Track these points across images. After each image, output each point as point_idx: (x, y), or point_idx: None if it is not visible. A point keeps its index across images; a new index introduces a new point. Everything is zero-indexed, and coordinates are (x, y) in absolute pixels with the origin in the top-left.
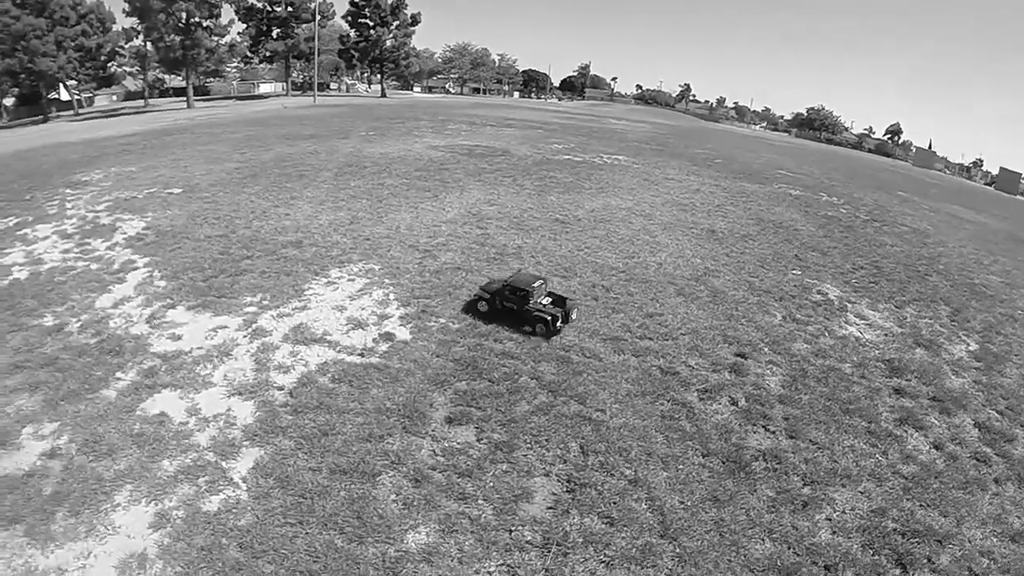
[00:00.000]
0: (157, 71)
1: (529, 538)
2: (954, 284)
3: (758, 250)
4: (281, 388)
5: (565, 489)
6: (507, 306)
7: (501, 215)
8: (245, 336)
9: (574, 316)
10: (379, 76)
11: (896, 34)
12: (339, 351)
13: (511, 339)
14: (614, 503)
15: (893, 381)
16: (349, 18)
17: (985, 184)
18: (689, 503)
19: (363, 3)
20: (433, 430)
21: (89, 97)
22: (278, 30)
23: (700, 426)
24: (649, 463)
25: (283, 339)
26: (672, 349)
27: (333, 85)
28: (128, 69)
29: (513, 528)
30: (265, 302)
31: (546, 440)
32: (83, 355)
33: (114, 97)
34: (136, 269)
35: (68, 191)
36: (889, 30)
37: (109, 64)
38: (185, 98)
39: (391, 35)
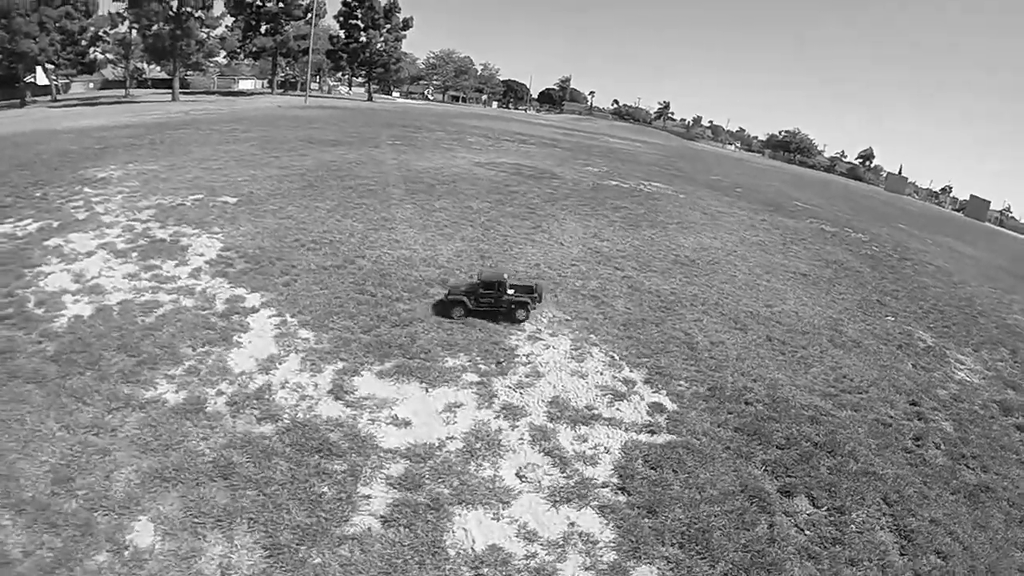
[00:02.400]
0: (141, 61)
1: None
2: (998, 326)
3: (847, 294)
4: (606, 485)
5: (899, 536)
6: (483, 303)
7: (621, 253)
8: (497, 417)
9: (541, 297)
10: (366, 79)
11: (869, 57)
12: (625, 429)
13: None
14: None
15: (1011, 419)
16: (340, 18)
17: (954, 210)
18: (985, 537)
19: (356, 4)
20: (785, 507)
21: (65, 83)
22: (267, 26)
23: (934, 468)
24: (933, 506)
25: (549, 417)
26: (869, 402)
27: (314, 85)
28: (110, 56)
29: None
30: (481, 365)
31: (848, 493)
32: (272, 456)
33: (91, 85)
34: (255, 311)
35: (88, 190)
36: (863, 54)
37: (91, 49)
38: (168, 90)
39: (382, 38)
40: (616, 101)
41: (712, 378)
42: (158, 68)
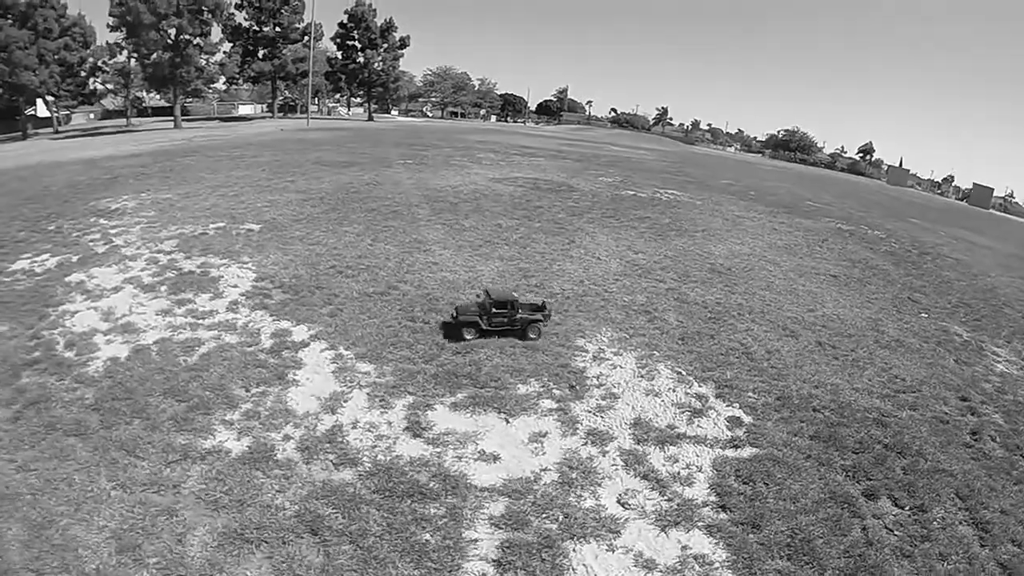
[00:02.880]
0: (140, 89)
1: None
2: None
3: (879, 293)
4: (706, 504)
5: (977, 528)
6: (496, 323)
7: (658, 265)
8: (585, 443)
9: (550, 315)
10: (366, 100)
11: (862, 51)
12: (710, 445)
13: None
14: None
15: None
16: (337, 40)
17: (957, 199)
18: None
19: (352, 25)
20: (872, 510)
21: (66, 115)
22: (264, 50)
23: (995, 460)
24: (1001, 497)
25: (635, 440)
26: (924, 400)
27: (313, 107)
28: (110, 86)
29: None
30: (555, 390)
31: (925, 491)
32: (361, 505)
33: (91, 115)
34: (306, 346)
35: (104, 221)
36: (856, 49)
37: (91, 80)
38: (170, 118)
39: (380, 58)
40: (614, 109)
41: (777, 387)
42: (157, 96)
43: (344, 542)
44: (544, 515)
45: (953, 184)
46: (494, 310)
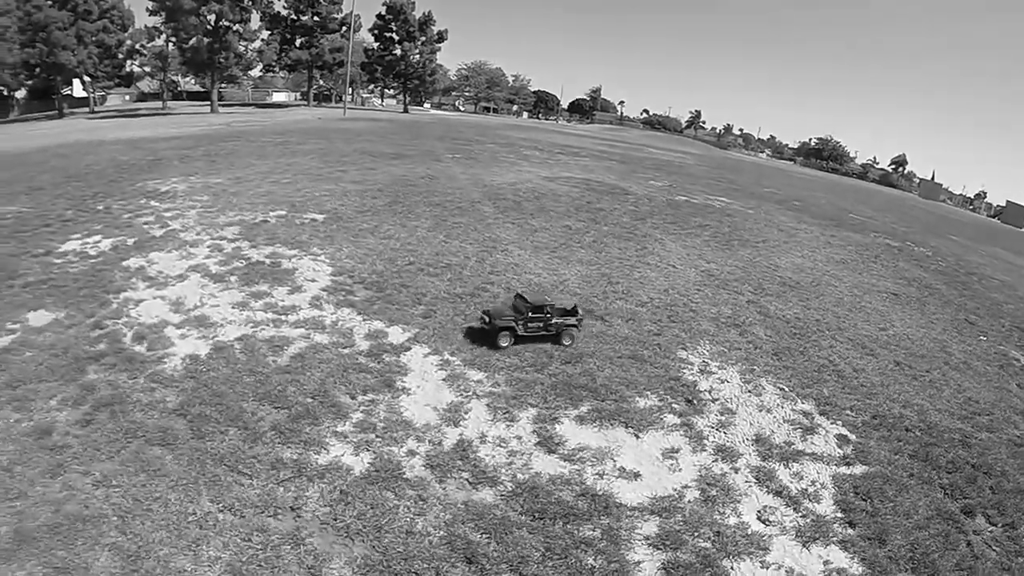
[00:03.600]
0: (177, 74)
1: None
2: None
3: (938, 314)
4: (835, 520)
5: None
6: (532, 328)
7: (732, 276)
8: (715, 460)
9: (583, 320)
10: (401, 92)
11: (897, 65)
12: (827, 462)
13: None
14: None
15: None
16: (375, 31)
17: (988, 216)
18: None
19: (390, 17)
20: (972, 527)
21: (102, 96)
22: (302, 39)
23: None
24: None
25: (760, 456)
26: (998, 423)
27: (346, 97)
28: (147, 69)
29: None
30: (673, 404)
31: (1013, 510)
32: (512, 529)
33: (127, 97)
34: (406, 349)
35: (155, 203)
36: (891, 60)
37: (128, 62)
38: (205, 102)
39: (417, 51)
40: (646, 110)
41: (870, 406)
42: (192, 81)
43: (504, 570)
44: (696, 534)
45: (985, 200)
46: (531, 314)
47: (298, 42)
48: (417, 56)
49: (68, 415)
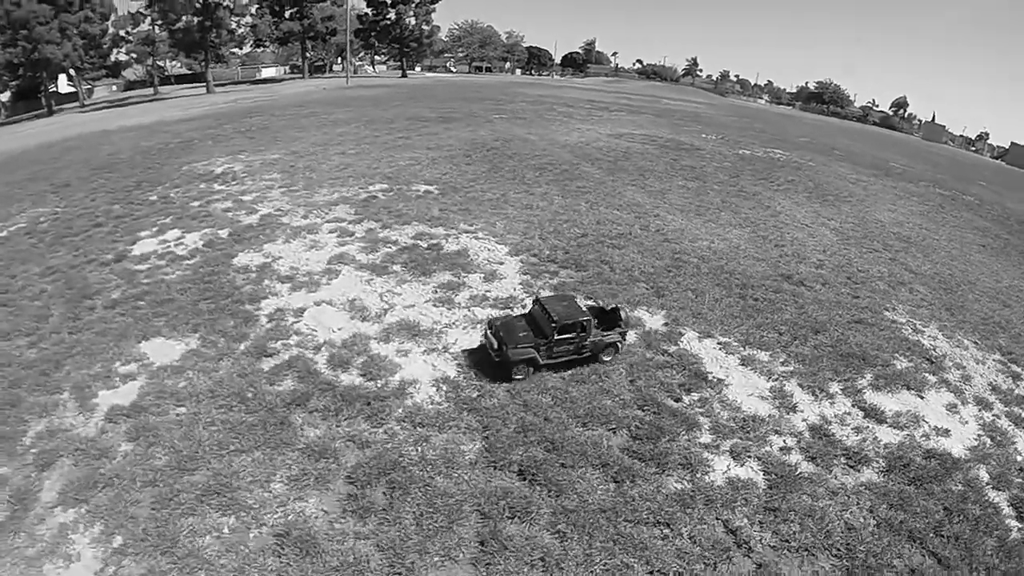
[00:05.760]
0: (164, 58)
1: None
2: None
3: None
4: None
5: None
6: (560, 352)
7: (857, 232)
8: (1000, 416)
9: (625, 316)
10: (397, 57)
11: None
12: None
13: None
14: None
15: None
16: None
17: (992, 158)
18: None
19: None
20: None
21: (89, 89)
22: (292, 10)
23: None
24: None
25: (1017, 402)
26: None
27: (337, 67)
28: (134, 56)
29: None
30: (922, 364)
31: None
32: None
33: (114, 88)
34: (680, 335)
35: (219, 186)
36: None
37: (114, 51)
38: (195, 85)
39: (411, 13)
40: (639, 61)
41: None
42: (178, 64)
43: (933, 536)
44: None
45: (987, 142)
46: (557, 337)
47: (288, 13)
48: (412, 19)
49: (332, 518)
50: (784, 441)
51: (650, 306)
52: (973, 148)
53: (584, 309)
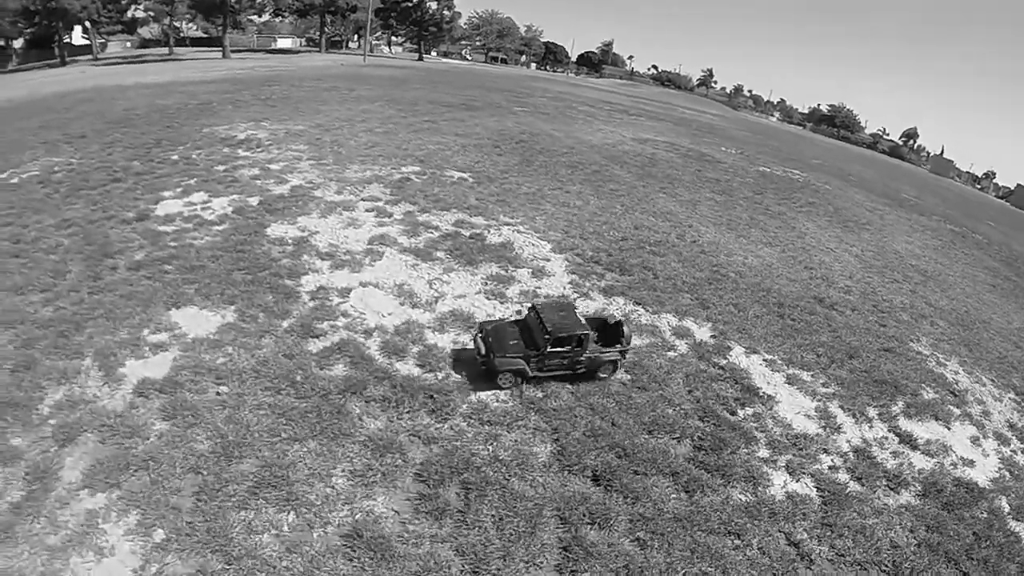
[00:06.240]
0: (183, 18)
1: None
2: None
3: None
4: None
5: None
6: (552, 365)
7: (878, 262)
8: (999, 443)
9: (627, 332)
10: (415, 40)
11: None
12: None
13: None
14: None
15: None
16: None
17: (996, 197)
18: None
19: None
20: None
21: (102, 43)
22: None
23: None
24: None
25: None
26: None
27: (353, 44)
28: (152, 14)
29: None
30: (946, 396)
31: None
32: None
33: (128, 44)
34: (728, 349)
35: (244, 152)
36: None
37: (132, 7)
38: (209, 49)
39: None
40: (655, 66)
41: None
42: (194, 27)
43: (964, 558)
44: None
45: (993, 181)
46: (550, 350)
47: None
48: (434, 4)
49: (404, 519)
50: (832, 460)
51: (696, 317)
52: (979, 186)
53: (583, 322)
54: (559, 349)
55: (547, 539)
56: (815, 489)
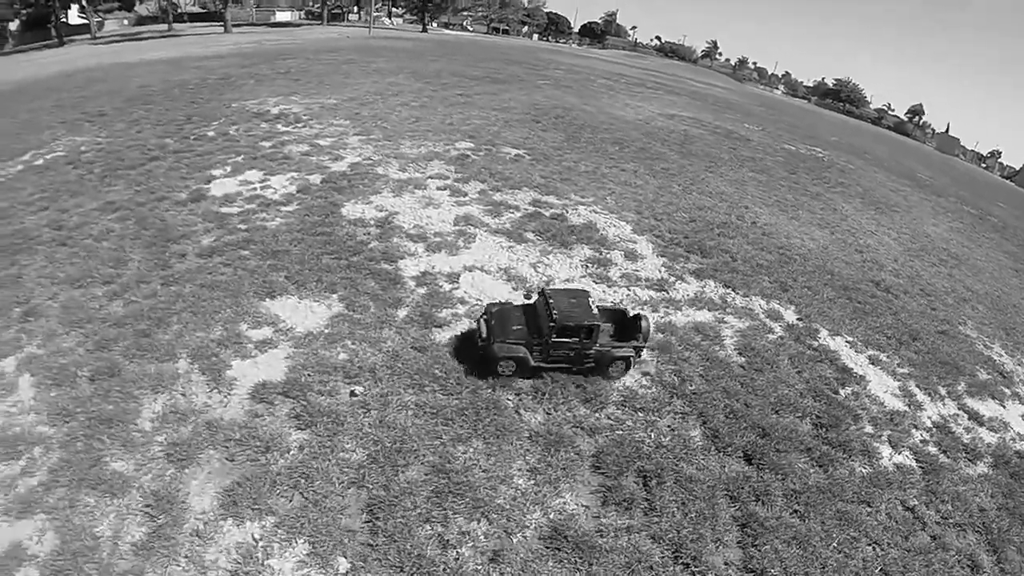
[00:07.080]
0: None
1: None
2: None
3: None
4: None
5: None
6: (558, 356)
7: (915, 245)
8: None
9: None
10: (419, 11)
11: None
12: None
13: None
14: None
15: None
16: None
17: (1002, 176)
18: None
19: None
20: None
21: (99, 21)
22: None
23: None
24: None
25: None
26: None
27: (353, 16)
28: None
29: None
30: (998, 376)
31: None
32: None
33: (125, 22)
34: (816, 332)
35: (284, 127)
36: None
37: None
38: (208, 24)
39: None
40: (658, 37)
41: None
42: (192, 2)
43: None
44: None
45: (998, 160)
46: (555, 339)
47: None
48: None
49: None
50: (921, 435)
51: (780, 300)
52: (984, 164)
53: (595, 312)
54: (565, 339)
55: (725, 518)
56: (915, 461)
